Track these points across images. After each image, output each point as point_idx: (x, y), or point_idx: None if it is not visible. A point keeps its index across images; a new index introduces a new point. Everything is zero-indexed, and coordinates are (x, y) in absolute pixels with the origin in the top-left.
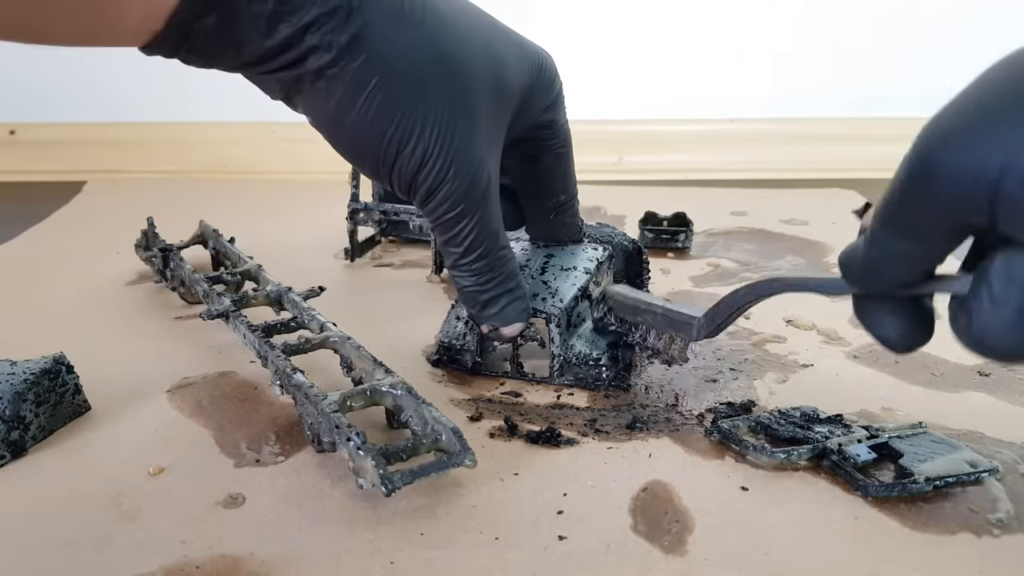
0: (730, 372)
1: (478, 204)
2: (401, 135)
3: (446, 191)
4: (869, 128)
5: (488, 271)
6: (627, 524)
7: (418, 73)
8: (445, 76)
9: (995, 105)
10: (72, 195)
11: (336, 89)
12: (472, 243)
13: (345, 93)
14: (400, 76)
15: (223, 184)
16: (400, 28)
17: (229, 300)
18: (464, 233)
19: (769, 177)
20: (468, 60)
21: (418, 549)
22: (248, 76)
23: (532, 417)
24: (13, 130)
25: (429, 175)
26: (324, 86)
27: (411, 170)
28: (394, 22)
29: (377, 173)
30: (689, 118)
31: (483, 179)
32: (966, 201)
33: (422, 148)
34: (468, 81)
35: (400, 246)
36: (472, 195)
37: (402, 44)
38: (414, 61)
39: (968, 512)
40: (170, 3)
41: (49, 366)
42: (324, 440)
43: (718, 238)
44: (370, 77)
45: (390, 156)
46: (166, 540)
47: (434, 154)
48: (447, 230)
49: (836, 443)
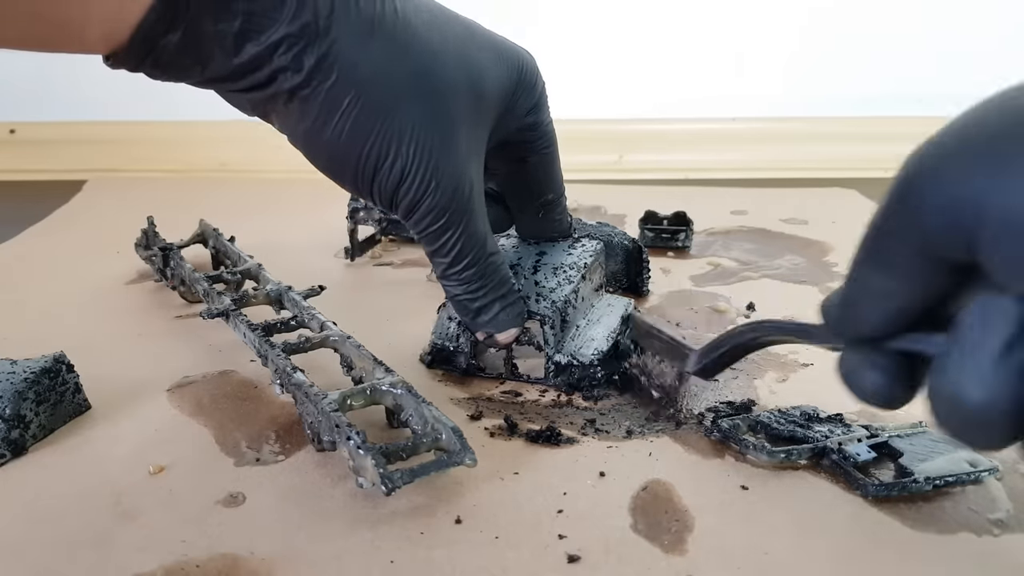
0: (730, 371)
1: (462, 214)
2: (378, 152)
3: (428, 204)
4: (869, 128)
5: (478, 279)
6: (627, 523)
7: (391, 89)
8: (419, 90)
9: (982, 136)
10: (72, 194)
11: (309, 110)
12: (460, 252)
13: (319, 113)
14: (373, 93)
15: (223, 183)
16: (370, 45)
17: (229, 299)
18: (451, 243)
19: (769, 176)
20: (441, 72)
21: (418, 548)
22: (219, 92)
23: (532, 416)
24: (13, 129)
25: (410, 190)
26: (297, 107)
27: (391, 186)
28: (364, 39)
29: (357, 189)
30: (689, 117)
31: (465, 188)
32: (945, 230)
33: (400, 164)
34: (443, 93)
35: (400, 245)
36: (456, 206)
37: (373, 61)
38: (386, 78)
39: (968, 511)
40: (134, 18)
41: (49, 365)
42: (324, 439)
43: (718, 237)
44: (343, 96)
45: (368, 173)
46: (166, 539)
47: (413, 168)
48: (433, 241)
49: (836, 442)
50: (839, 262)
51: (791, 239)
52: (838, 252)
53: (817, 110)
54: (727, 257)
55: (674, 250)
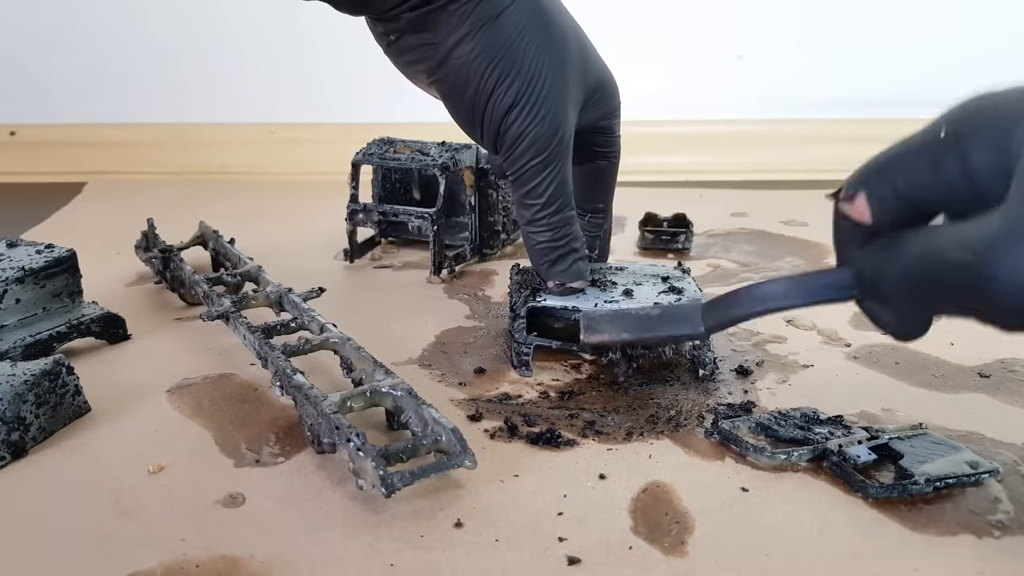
0: (730, 373)
1: (560, 155)
2: (500, 72)
3: (534, 135)
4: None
5: (562, 226)
6: (627, 525)
7: (524, 22)
8: (548, 27)
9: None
10: (72, 195)
11: (452, 26)
12: (552, 195)
13: (461, 28)
14: (509, 20)
15: (223, 185)
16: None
17: (229, 301)
18: (545, 184)
19: (769, 178)
20: (563, 27)
21: (418, 551)
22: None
23: (532, 418)
24: (13, 131)
25: (519, 116)
26: (448, 19)
27: (502, 109)
28: None
29: (472, 113)
30: (689, 119)
31: (567, 132)
32: (988, 153)
33: (516, 87)
34: (565, 38)
35: (399, 247)
36: (556, 145)
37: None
38: (520, 11)
39: (968, 513)
40: None
41: (49, 367)
42: (324, 441)
43: (718, 239)
44: (485, 15)
45: (486, 91)
46: (166, 538)
47: (525, 94)
48: (529, 180)
49: (836, 444)
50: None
51: (791, 241)
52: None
53: (818, 112)
54: (727, 259)
55: (674, 252)
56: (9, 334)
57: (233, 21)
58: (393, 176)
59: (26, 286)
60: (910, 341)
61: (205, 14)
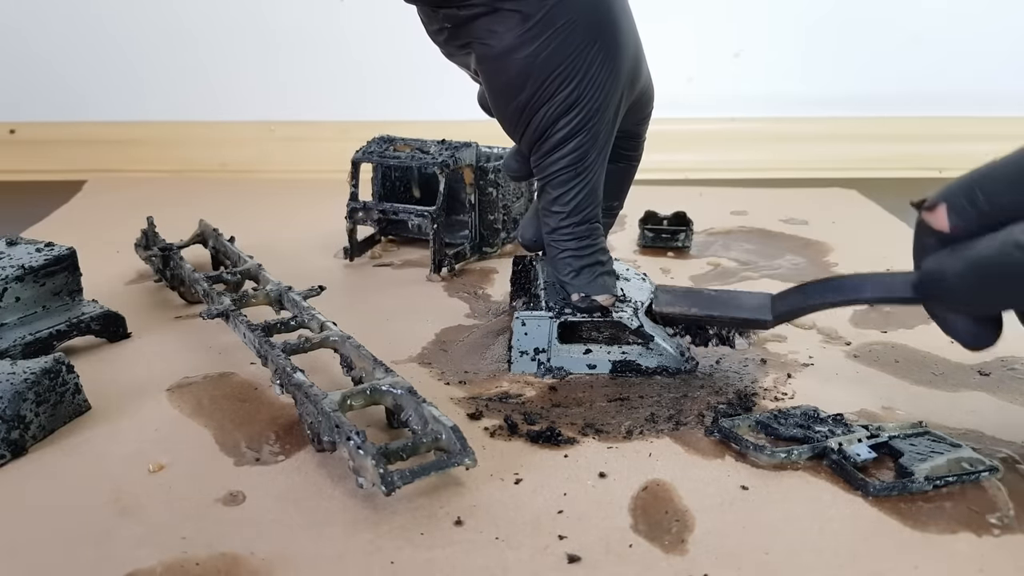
0: (731, 371)
1: (595, 164)
2: (565, 75)
3: (577, 143)
4: (869, 128)
5: (588, 236)
6: (627, 524)
7: (593, 27)
8: (611, 39)
9: None
10: (72, 194)
11: (525, 22)
12: (579, 204)
13: (533, 27)
14: (582, 24)
15: (223, 183)
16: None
17: (229, 299)
18: (575, 192)
19: (769, 176)
20: (627, 35)
21: (418, 549)
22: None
23: (532, 416)
24: (13, 129)
25: (572, 121)
26: (511, 17)
27: (558, 112)
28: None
29: (521, 112)
30: (689, 118)
31: (608, 142)
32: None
33: (576, 93)
34: (625, 54)
35: (399, 245)
36: (596, 153)
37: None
38: (593, 16)
39: (968, 511)
40: None
41: (49, 366)
42: (324, 439)
43: (718, 237)
44: (559, 18)
45: (547, 94)
46: (166, 536)
47: (583, 102)
48: (560, 186)
49: (836, 442)
50: (839, 262)
51: (791, 239)
52: (838, 252)
53: (817, 110)
54: (727, 257)
55: (674, 250)
56: (9, 332)
57: (233, 19)
58: (393, 174)
59: (26, 284)
60: (981, 349)
61: (205, 13)
